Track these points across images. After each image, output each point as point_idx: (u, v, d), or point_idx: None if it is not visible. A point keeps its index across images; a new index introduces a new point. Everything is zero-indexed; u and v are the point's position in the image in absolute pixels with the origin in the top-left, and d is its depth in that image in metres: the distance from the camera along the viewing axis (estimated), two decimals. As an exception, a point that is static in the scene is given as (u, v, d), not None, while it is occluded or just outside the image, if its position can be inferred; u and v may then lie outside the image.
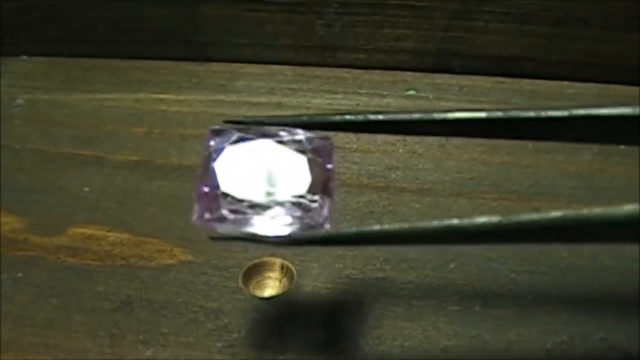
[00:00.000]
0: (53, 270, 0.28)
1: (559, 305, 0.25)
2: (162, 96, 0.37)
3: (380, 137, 0.33)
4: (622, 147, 0.31)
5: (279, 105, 0.35)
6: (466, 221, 0.18)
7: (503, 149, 0.32)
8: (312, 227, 0.22)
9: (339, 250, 0.28)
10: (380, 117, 0.21)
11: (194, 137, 0.33)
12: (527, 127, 0.20)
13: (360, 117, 0.21)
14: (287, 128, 0.22)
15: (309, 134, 0.22)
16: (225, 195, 0.22)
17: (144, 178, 0.32)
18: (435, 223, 0.19)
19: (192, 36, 0.38)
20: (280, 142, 0.22)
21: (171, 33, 0.38)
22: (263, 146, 0.22)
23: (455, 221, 0.18)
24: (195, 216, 0.22)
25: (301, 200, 0.22)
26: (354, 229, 0.21)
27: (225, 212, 0.22)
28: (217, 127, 0.22)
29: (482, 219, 0.18)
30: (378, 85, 0.36)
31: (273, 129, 0.22)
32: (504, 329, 0.25)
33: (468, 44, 0.36)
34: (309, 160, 0.22)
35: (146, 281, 0.27)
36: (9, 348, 0.25)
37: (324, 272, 0.27)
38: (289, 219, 0.22)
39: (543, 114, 0.19)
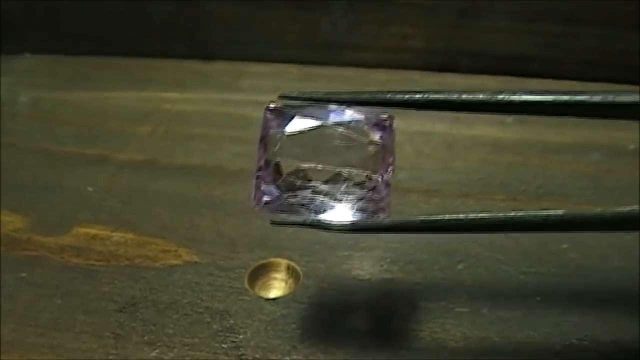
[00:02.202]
0: (57, 270, 0.28)
1: (568, 307, 0.25)
2: (167, 94, 0.36)
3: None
4: (631, 147, 0.31)
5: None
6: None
7: (511, 149, 0.31)
8: (374, 212, 0.21)
9: (345, 251, 0.27)
10: (441, 96, 0.20)
11: (199, 136, 0.33)
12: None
13: (421, 96, 0.20)
14: (345, 105, 0.21)
15: (369, 112, 0.22)
16: (286, 179, 0.21)
17: (148, 177, 0.32)
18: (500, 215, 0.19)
19: (197, 34, 0.38)
20: (340, 122, 0.21)
21: (176, 31, 0.38)
22: (322, 126, 0.21)
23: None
24: (254, 202, 0.21)
25: (362, 182, 0.21)
26: (419, 218, 0.21)
27: (285, 196, 0.21)
28: (273, 105, 0.22)
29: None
30: (385, 84, 0.36)
31: (331, 106, 0.21)
32: (513, 330, 0.24)
33: (475, 43, 0.36)
34: (370, 140, 0.21)
35: (151, 282, 0.27)
36: (12, 348, 0.25)
37: (330, 273, 0.27)
38: (351, 203, 0.21)
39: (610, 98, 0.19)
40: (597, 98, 0.19)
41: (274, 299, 0.25)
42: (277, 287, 0.26)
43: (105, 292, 0.27)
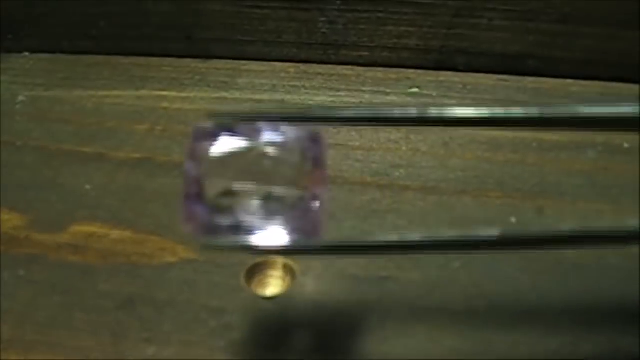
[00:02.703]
0: (55, 268, 0.28)
1: (565, 306, 0.25)
2: (164, 93, 0.36)
3: (384, 135, 0.33)
4: (627, 145, 0.31)
5: (281, 102, 0.35)
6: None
7: (507, 147, 0.32)
8: (307, 231, 0.21)
9: (342, 249, 0.27)
10: (371, 112, 0.20)
11: (196, 135, 0.33)
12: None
13: (353, 113, 0.20)
14: (274, 124, 0.21)
15: (299, 130, 0.21)
16: (215, 201, 0.20)
17: (146, 175, 0.32)
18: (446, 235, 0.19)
19: (195, 33, 0.38)
20: (270, 140, 0.21)
21: (173, 30, 0.38)
22: (251, 145, 0.21)
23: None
24: (182, 226, 0.21)
25: (294, 201, 0.21)
26: (355, 239, 0.20)
27: (215, 220, 0.21)
28: (200, 125, 0.21)
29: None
30: (381, 83, 0.36)
31: (260, 125, 0.21)
32: (509, 329, 0.24)
33: (472, 42, 0.36)
34: (300, 158, 0.21)
35: (149, 279, 0.27)
36: (10, 347, 0.25)
37: (326, 271, 0.27)
38: (283, 224, 0.21)
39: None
40: (534, 112, 0.19)
41: (270, 297, 0.26)
42: (273, 285, 0.26)
43: (102, 289, 0.27)
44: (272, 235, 0.21)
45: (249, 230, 0.21)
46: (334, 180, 0.30)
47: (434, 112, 0.19)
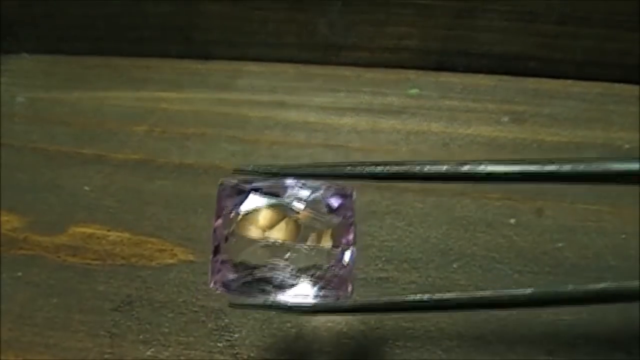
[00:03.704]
0: (53, 269, 0.28)
1: (564, 306, 0.25)
2: (164, 94, 0.36)
3: (383, 137, 0.33)
4: (627, 146, 0.31)
5: (281, 103, 0.35)
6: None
7: (507, 148, 0.31)
8: (335, 289, 0.20)
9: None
10: (403, 168, 0.19)
11: (195, 136, 0.33)
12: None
13: (382, 169, 0.19)
14: (302, 179, 0.21)
15: (328, 186, 0.21)
16: (244, 258, 0.20)
17: (145, 177, 0.32)
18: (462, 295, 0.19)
19: (194, 34, 0.38)
20: (298, 196, 0.21)
21: (173, 31, 0.38)
22: (279, 202, 0.21)
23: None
24: (211, 285, 0.21)
25: (322, 259, 0.20)
26: (382, 299, 0.20)
27: (244, 276, 0.20)
28: (228, 182, 0.21)
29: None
30: (381, 84, 0.36)
31: (288, 180, 0.21)
32: (507, 330, 0.24)
33: (472, 43, 0.36)
34: (329, 215, 0.21)
35: (147, 281, 0.27)
36: (9, 348, 0.25)
37: (326, 272, 0.27)
38: (311, 281, 0.20)
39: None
40: (566, 168, 0.18)
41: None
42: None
43: (101, 291, 0.27)
44: (300, 292, 0.20)
45: (278, 288, 0.20)
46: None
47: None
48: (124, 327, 0.26)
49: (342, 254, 0.21)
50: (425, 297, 0.19)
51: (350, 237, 0.21)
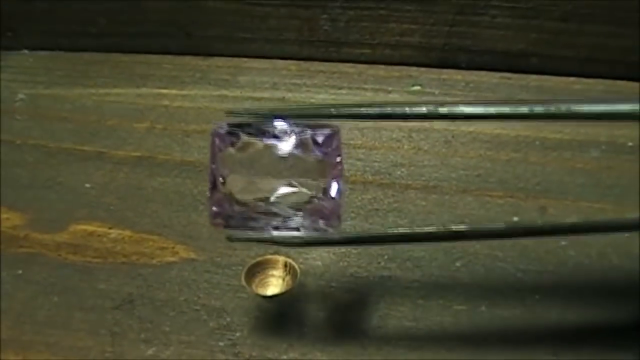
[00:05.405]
0: (54, 267, 0.28)
1: (566, 305, 0.25)
2: (165, 91, 0.36)
3: (385, 134, 0.32)
4: (630, 144, 0.31)
5: (283, 100, 0.35)
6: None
7: (509, 145, 0.31)
8: (325, 222, 0.22)
9: (343, 249, 0.27)
10: (386, 109, 0.21)
11: (196, 133, 0.33)
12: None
13: (363, 109, 0.21)
14: (290, 120, 0.22)
15: (315, 126, 0.22)
16: (236, 197, 0.22)
17: (146, 174, 0.31)
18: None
19: (195, 30, 0.38)
20: (286, 137, 0.22)
21: (174, 27, 0.38)
22: (269, 142, 0.22)
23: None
24: (211, 221, 0.22)
25: (311, 195, 0.22)
26: (369, 232, 0.22)
27: (239, 213, 0.22)
28: (220, 125, 0.22)
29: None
30: (383, 81, 0.36)
31: (277, 122, 0.22)
32: (511, 329, 0.24)
33: (474, 39, 0.35)
34: (316, 153, 0.22)
35: (148, 279, 0.27)
36: (9, 346, 0.25)
37: (328, 271, 0.27)
38: (302, 216, 0.22)
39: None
40: (539, 109, 0.20)
41: (271, 297, 0.25)
42: (274, 285, 0.26)
43: (102, 289, 0.27)
44: (292, 227, 0.22)
45: (271, 223, 0.22)
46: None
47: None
48: (124, 325, 0.25)
49: (330, 186, 0.22)
50: (408, 230, 0.22)
51: (337, 170, 0.22)
